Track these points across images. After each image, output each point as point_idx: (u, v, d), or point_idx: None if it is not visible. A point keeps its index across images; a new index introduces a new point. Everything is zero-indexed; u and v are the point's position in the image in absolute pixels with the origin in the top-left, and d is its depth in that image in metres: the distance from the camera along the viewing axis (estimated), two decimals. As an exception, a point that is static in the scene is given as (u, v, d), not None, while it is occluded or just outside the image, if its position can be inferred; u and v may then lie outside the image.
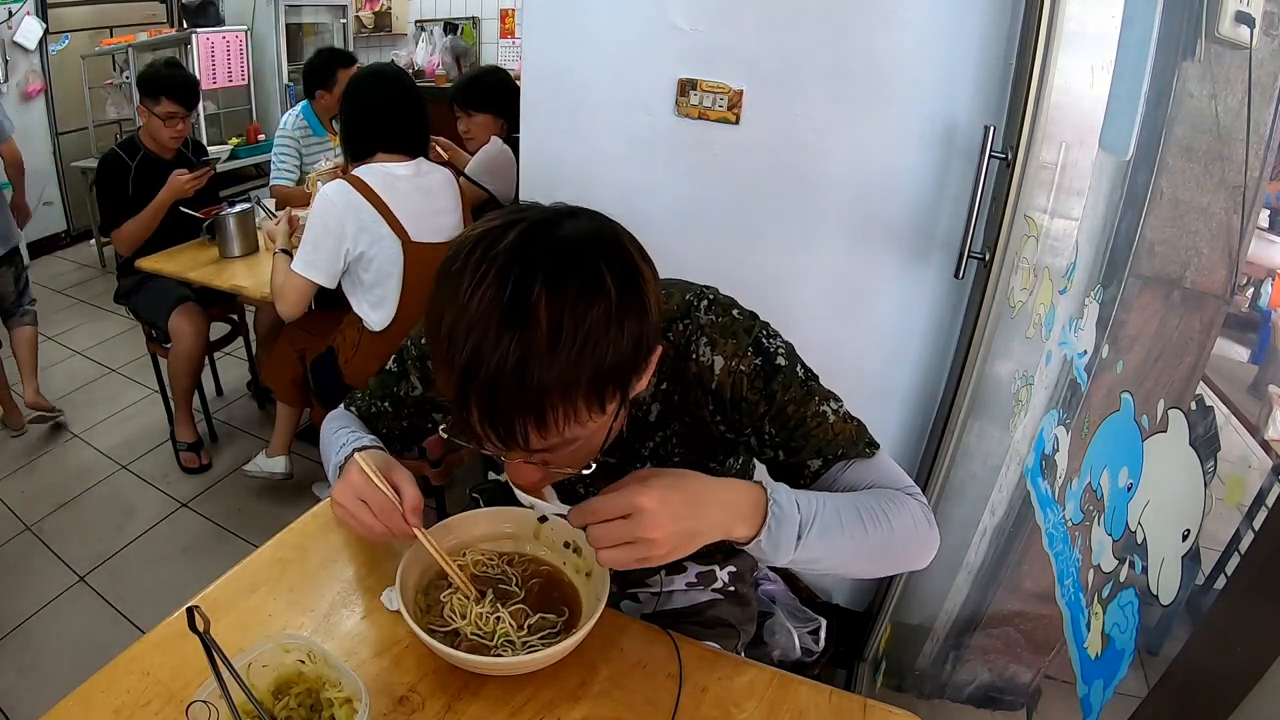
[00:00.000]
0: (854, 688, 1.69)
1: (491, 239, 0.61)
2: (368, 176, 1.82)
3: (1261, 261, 0.62)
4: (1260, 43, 0.66)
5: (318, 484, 2.45)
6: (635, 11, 1.53)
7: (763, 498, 0.73)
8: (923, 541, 0.81)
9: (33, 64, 4.23)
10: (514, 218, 0.63)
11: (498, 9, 4.97)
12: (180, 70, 2.55)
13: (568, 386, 0.60)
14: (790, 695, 0.80)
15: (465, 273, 0.60)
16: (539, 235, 0.61)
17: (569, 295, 0.59)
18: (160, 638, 0.82)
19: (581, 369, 0.60)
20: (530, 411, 0.60)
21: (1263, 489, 0.56)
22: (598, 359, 0.60)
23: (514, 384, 0.59)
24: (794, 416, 0.81)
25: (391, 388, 0.97)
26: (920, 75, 1.37)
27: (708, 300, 0.85)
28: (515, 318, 0.58)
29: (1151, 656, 0.66)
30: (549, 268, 0.59)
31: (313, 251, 1.81)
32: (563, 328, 0.58)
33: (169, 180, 2.39)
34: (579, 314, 0.58)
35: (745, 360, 0.81)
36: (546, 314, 0.58)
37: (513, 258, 0.59)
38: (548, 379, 0.59)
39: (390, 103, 1.87)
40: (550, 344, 0.58)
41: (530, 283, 0.58)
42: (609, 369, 0.61)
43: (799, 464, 0.83)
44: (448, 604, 0.83)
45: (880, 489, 0.82)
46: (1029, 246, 1.23)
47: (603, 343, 0.60)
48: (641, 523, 0.67)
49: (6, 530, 2.26)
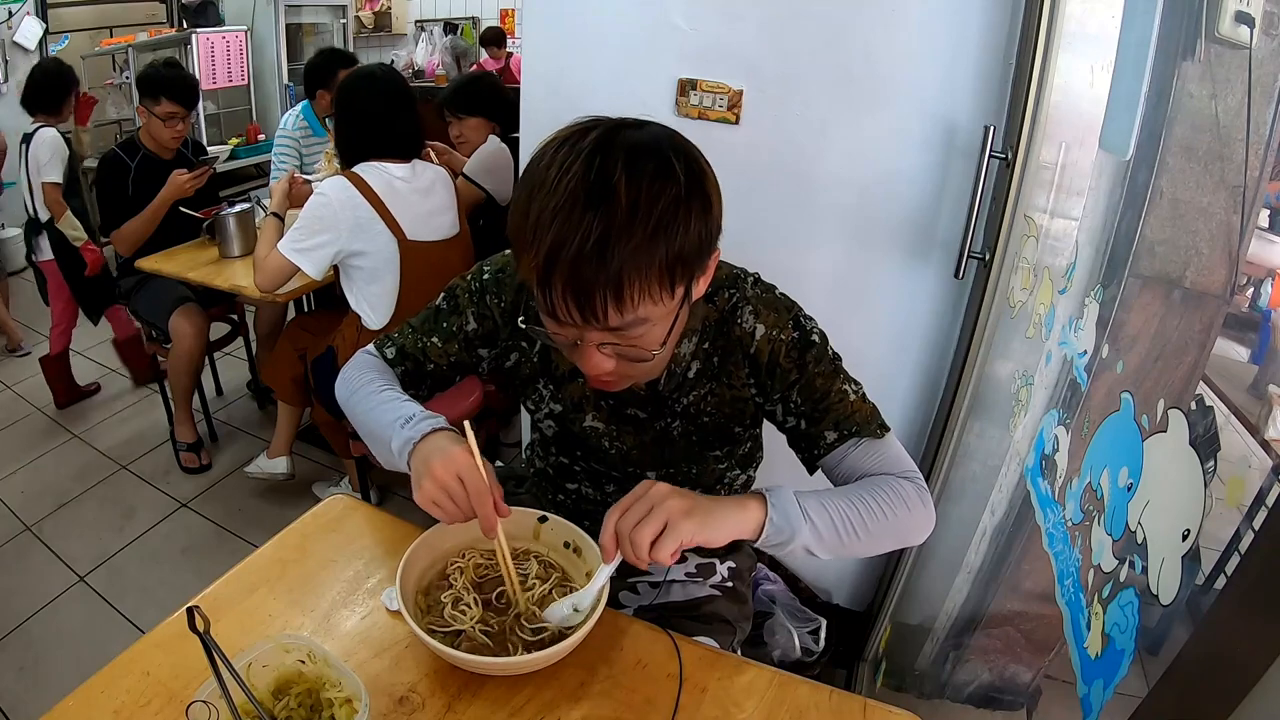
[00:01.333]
0: (854, 688, 1.69)
1: (575, 139, 0.70)
2: (367, 175, 1.83)
3: (1261, 261, 0.62)
4: (1260, 43, 0.66)
5: (318, 484, 2.45)
6: (635, 11, 1.53)
7: (756, 495, 0.80)
8: (919, 523, 0.87)
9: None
10: (591, 123, 0.72)
11: (498, 9, 4.98)
12: (180, 70, 2.55)
13: (642, 263, 0.67)
14: (790, 695, 0.80)
15: (553, 165, 0.69)
16: (617, 134, 0.70)
17: (645, 178, 0.67)
18: (160, 638, 0.82)
19: (656, 246, 0.67)
20: (610, 284, 0.67)
21: (1263, 489, 0.56)
22: (669, 238, 0.68)
23: (596, 256, 0.66)
24: (820, 389, 0.88)
25: (441, 323, 0.98)
26: (920, 75, 1.37)
27: (753, 278, 0.93)
28: (599, 196, 0.66)
29: (1151, 656, 0.66)
30: (628, 156, 0.68)
31: (303, 239, 1.81)
32: (639, 206, 0.66)
33: (169, 179, 2.39)
34: (654, 195, 0.67)
35: (785, 331, 0.88)
36: (625, 194, 0.66)
37: (596, 149, 0.68)
38: (625, 253, 0.66)
39: (383, 109, 1.86)
40: (628, 220, 0.66)
41: (611, 168, 0.67)
42: (679, 251, 0.69)
43: (817, 434, 0.89)
44: (448, 605, 0.84)
45: (878, 475, 0.87)
46: (1029, 246, 1.23)
47: (674, 224, 0.68)
48: (657, 492, 0.75)
49: (6, 530, 2.26)
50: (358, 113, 1.87)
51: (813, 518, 0.78)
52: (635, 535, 0.74)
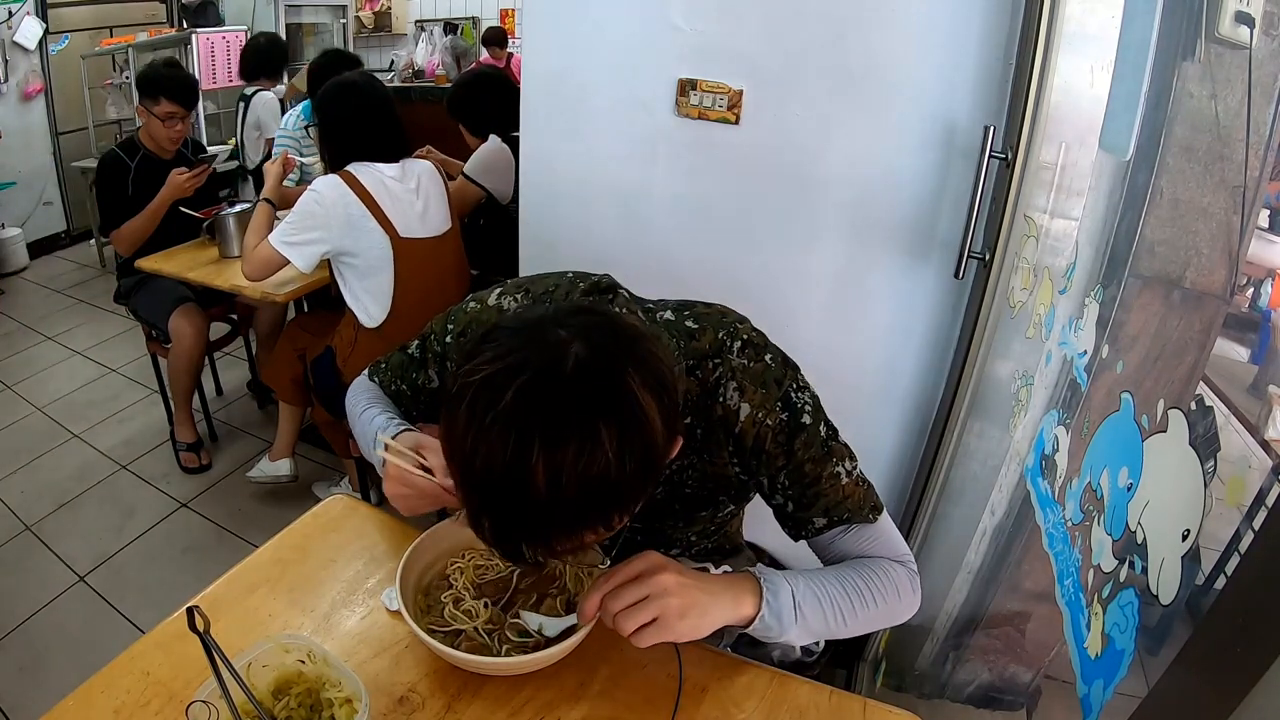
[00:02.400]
0: (854, 688, 1.69)
1: (492, 393, 0.61)
2: (359, 173, 1.84)
3: (1261, 261, 0.62)
4: (1260, 43, 0.66)
5: (318, 484, 2.45)
6: (635, 11, 1.52)
7: (753, 577, 0.78)
8: (905, 609, 0.86)
9: (33, 64, 4.24)
10: (515, 360, 0.62)
11: (498, 9, 4.98)
12: (180, 70, 2.55)
13: (571, 529, 0.64)
14: (790, 695, 0.80)
15: (470, 428, 0.61)
16: (536, 393, 0.61)
17: (566, 458, 0.59)
18: (160, 638, 0.82)
19: (583, 516, 0.63)
20: (538, 544, 0.65)
21: (1263, 489, 0.56)
22: (600, 505, 0.63)
23: (520, 529, 0.64)
24: (810, 475, 0.83)
25: (411, 373, 0.99)
26: (920, 75, 1.37)
27: (741, 340, 0.85)
28: (515, 481, 0.60)
29: (1151, 656, 0.66)
30: (545, 432, 0.59)
31: (295, 233, 1.82)
32: (561, 488, 0.60)
33: (168, 179, 2.40)
34: (576, 475, 0.60)
35: (772, 415, 0.82)
36: (545, 478, 0.59)
37: (510, 423, 0.60)
38: (550, 530, 0.63)
39: (362, 118, 1.88)
40: (550, 502, 0.60)
41: (528, 448, 0.59)
42: (613, 506, 0.64)
43: (806, 518, 0.85)
44: (448, 604, 0.83)
45: (870, 559, 0.85)
46: (1029, 246, 1.23)
47: (603, 492, 0.61)
48: (658, 582, 0.73)
49: (6, 530, 2.26)
50: (337, 121, 1.90)
51: (805, 614, 0.78)
52: (621, 620, 0.72)
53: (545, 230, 1.79)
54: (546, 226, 1.78)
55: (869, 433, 1.55)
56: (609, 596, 0.73)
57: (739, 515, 1.06)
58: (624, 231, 1.67)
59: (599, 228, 1.70)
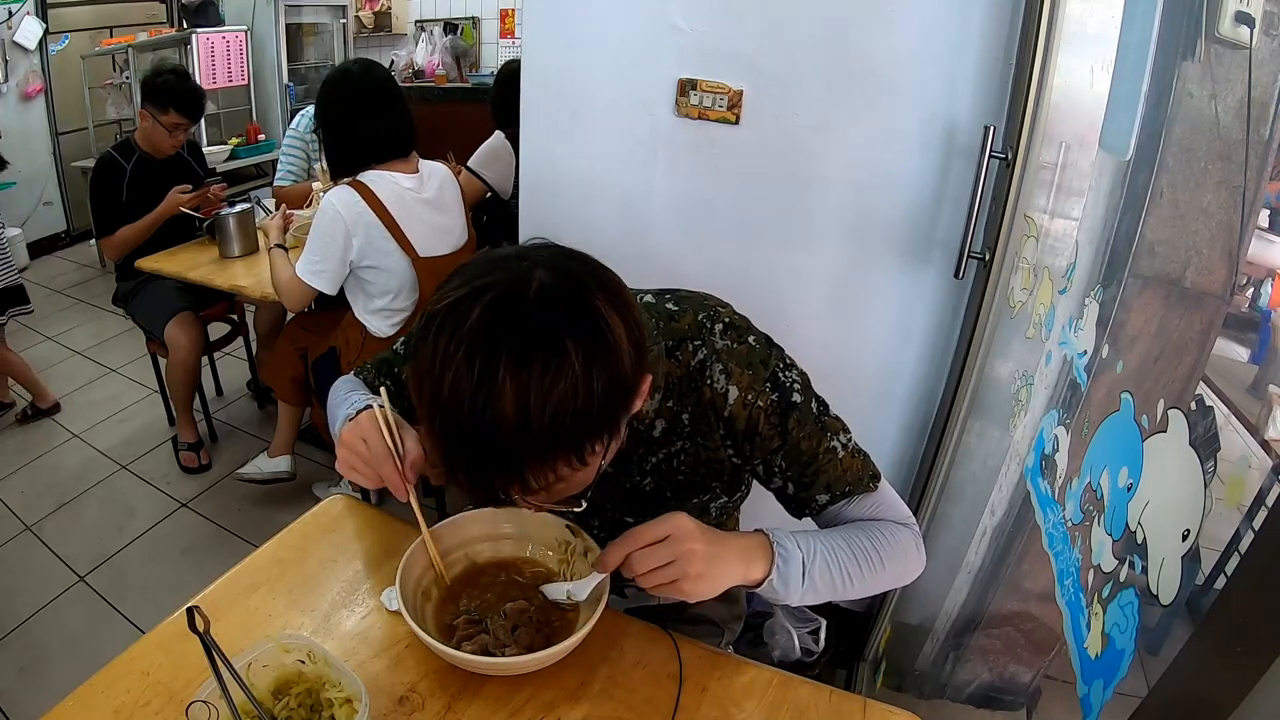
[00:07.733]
0: (854, 688, 1.69)
1: (458, 316, 0.61)
2: (374, 184, 1.78)
3: (1261, 261, 0.62)
4: (1260, 43, 0.66)
5: (318, 484, 2.45)
6: (635, 11, 1.52)
7: (766, 540, 0.77)
8: (911, 571, 0.86)
9: (33, 64, 4.24)
10: (480, 284, 0.63)
11: (498, 9, 4.97)
12: (189, 81, 2.48)
13: (543, 455, 0.62)
14: (790, 695, 0.80)
15: (436, 354, 0.61)
16: (501, 312, 0.61)
17: (533, 375, 0.59)
18: (160, 638, 0.82)
19: (555, 440, 0.61)
20: (511, 476, 0.63)
21: (1263, 489, 0.56)
22: (570, 427, 0.61)
23: (491, 458, 0.61)
24: (806, 453, 0.83)
25: (394, 368, 0.98)
26: (920, 75, 1.37)
27: (723, 323, 0.84)
28: (484, 403, 0.59)
29: (1151, 656, 0.66)
30: (511, 349, 0.59)
31: (320, 261, 1.79)
32: (529, 408, 0.59)
33: (168, 197, 2.40)
34: (543, 392, 0.59)
35: (762, 396, 0.81)
36: (513, 398, 0.59)
37: (476, 342, 0.60)
38: (521, 455, 0.61)
39: (364, 109, 1.77)
40: (519, 424, 0.59)
41: (494, 366, 0.59)
42: (584, 430, 0.62)
43: (808, 497, 0.86)
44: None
45: (876, 522, 0.86)
46: (1029, 246, 1.23)
47: (572, 412, 0.60)
48: (680, 539, 0.72)
49: (6, 530, 2.26)
50: (340, 118, 1.78)
51: (814, 578, 0.77)
52: (645, 578, 0.73)
53: (545, 230, 1.78)
54: (546, 226, 1.78)
55: (869, 433, 1.52)
56: (636, 555, 0.73)
57: (734, 516, 1.06)
58: (624, 231, 1.67)
59: (598, 227, 1.70)
